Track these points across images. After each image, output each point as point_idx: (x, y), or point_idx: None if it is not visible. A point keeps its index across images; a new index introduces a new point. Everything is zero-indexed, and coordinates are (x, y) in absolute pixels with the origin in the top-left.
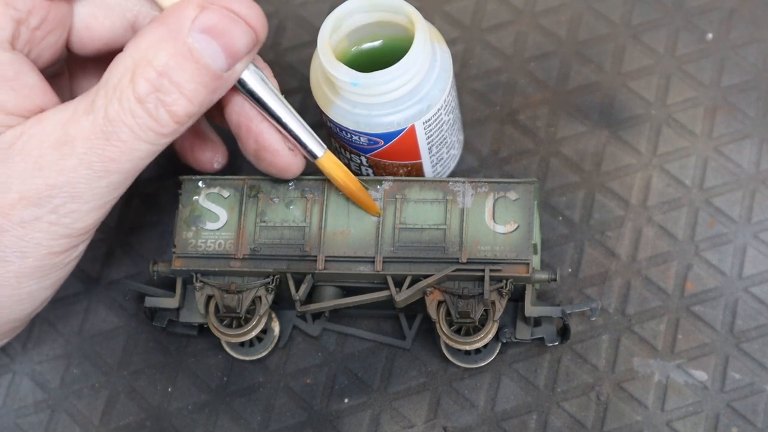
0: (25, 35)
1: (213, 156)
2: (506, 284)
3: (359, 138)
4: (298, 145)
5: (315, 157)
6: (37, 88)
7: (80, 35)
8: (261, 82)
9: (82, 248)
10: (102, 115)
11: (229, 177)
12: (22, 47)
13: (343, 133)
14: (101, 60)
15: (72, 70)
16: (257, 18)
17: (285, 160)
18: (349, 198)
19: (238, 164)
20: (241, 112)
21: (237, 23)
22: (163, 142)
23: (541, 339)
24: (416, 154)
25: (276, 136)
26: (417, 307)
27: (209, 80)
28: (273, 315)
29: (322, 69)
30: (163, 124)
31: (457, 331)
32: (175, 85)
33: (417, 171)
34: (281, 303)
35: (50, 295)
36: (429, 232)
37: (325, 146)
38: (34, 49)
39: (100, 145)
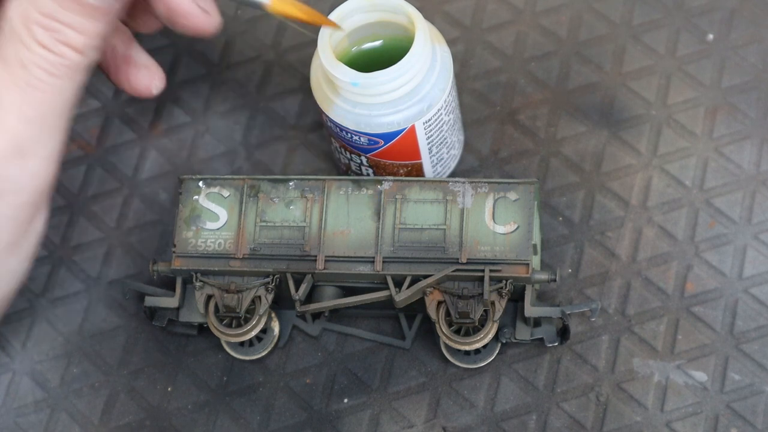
0: None
1: (150, 81)
2: (506, 284)
3: (359, 138)
4: (212, 6)
5: (263, 5)
6: None
7: None
8: None
9: (45, 212)
10: (16, 64)
11: (229, 177)
12: None
13: (344, 133)
14: None
15: None
16: None
17: (198, 21)
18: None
19: (238, 164)
20: None
21: None
22: (80, 74)
23: (541, 339)
24: (416, 154)
25: (186, 1)
26: (417, 307)
27: (94, 13)
28: (273, 315)
29: (322, 69)
30: (69, 58)
31: (457, 332)
32: (65, 25)
33: (417, 171)
34: (281, 303)
35: (29, 267)
36: (429, 232)
37: None
38: None
39: (27, 93)
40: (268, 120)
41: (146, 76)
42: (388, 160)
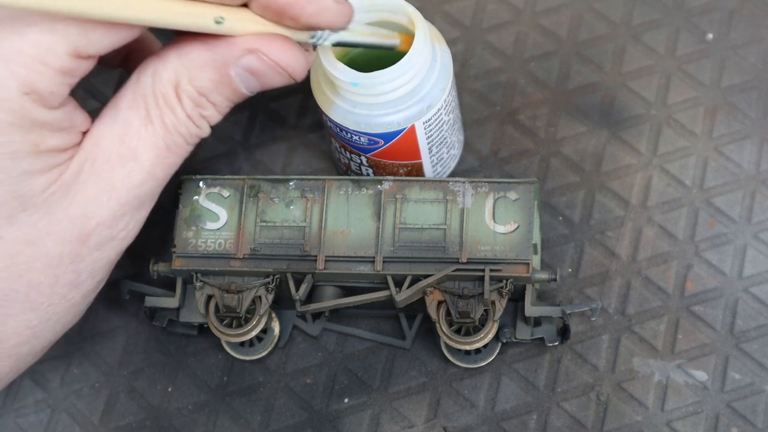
0: (78, 72)
1: None
2: (506, 284)
3: (359, 138)
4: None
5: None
6: (78, 116)
7: None
8: (341, 36)
9: (107, 276)
10: (160, 126)
11: (230, 177)
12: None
13: (344, 133)
14: None
15: None
16: (299, 67)
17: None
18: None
19: (238, 164)
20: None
21: (280, 74)
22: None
23: (541, 339)
24: (416, 154)
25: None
26: (417, 307)
27: (238, 99)
28: (273, 315)
29: (322, 69)
30: (204, 129)
31: (457, 331)
32: (212, 104)
33: (417, 171)
34: (281, 303)
35: (75, 319)
36: (429, 232)
37: (398, 36)
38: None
39: (163, 154)
40: (268, 120)
41: None
42: (388, 160)
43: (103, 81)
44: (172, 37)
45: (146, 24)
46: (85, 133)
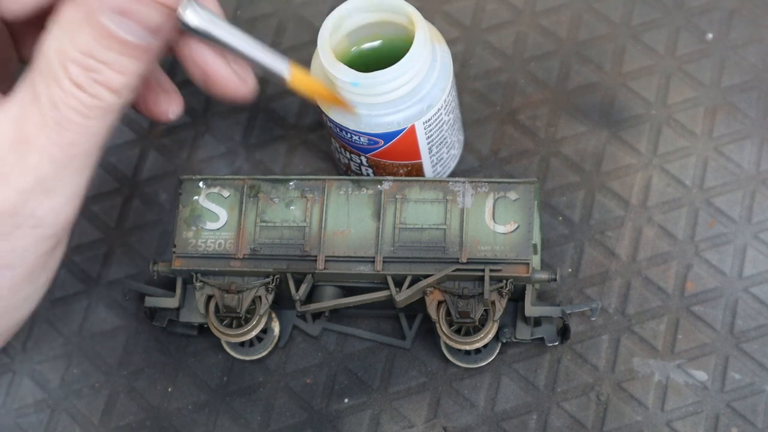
0: None
1: (167, 107)
2: (506, 284)
3: (359, 138)
4: (249, 73)
5: (284, 80)
6: None
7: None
8: (208, 21)
9: (65, 243)
10: (47, 103)
11: (230, 177)
12: None
13: (344, 133)
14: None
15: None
16: None
17: (234, 88)
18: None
19: (238, 164)
20: (183, 46)
21: (149, 5)
22: (114, 114)
23: (541, 339)
24: (416, 154)
25: (222, 65)
26: (417, 307)
27: (134, 52)
28: (273, 315)
29: (322, 69)
30: (104, 99)
31: (457, 331)
32: (103, 64)
33: (417, 171)
34: (281, 303)
35: (45, 291)
36: (429, 232)
37: (288, 64)
38: None
39: (55, 133)
40: (268, 120)
41: (165, 101)
42: (388, 160)
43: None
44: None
45: None
46: None
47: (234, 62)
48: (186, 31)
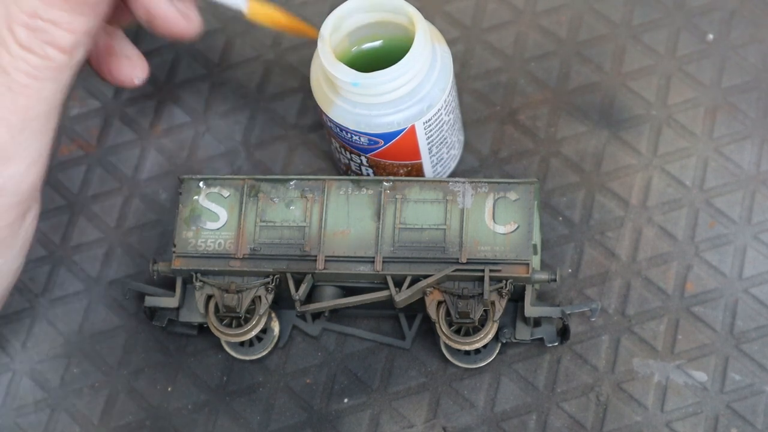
0: None
1: (131, 71)
2: (506, 284)
3: (359, 138)
4: (193, 10)
5: (242, 12)
6: None
7: None
8: None
9: (36, 208)
10: None
11: (230, 177)
12: None
13: (344, 133)
14: None
15: None
16: None
17: (177, 25)
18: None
19: (238, 164)
20: None
21: None
22: (67, 74)
23: (541, 339)
24: (416, 154)
25: (165, 3)
26: (417, 307)
27: (82, 8)
28: (273, 315)
29: (322, 69)
30: (55, 59)
31: (457, 331)
32: (50, 23)
33: (417, 171)
34: (281, 303)
35: (21, 263)
36: (429, 232)
37: None
38: None
39: (8, 99)
40: (268, 120)
41: (128, 66)
42: (388, 160)
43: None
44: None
45: None
46: None
47: (178, 0)
48: None
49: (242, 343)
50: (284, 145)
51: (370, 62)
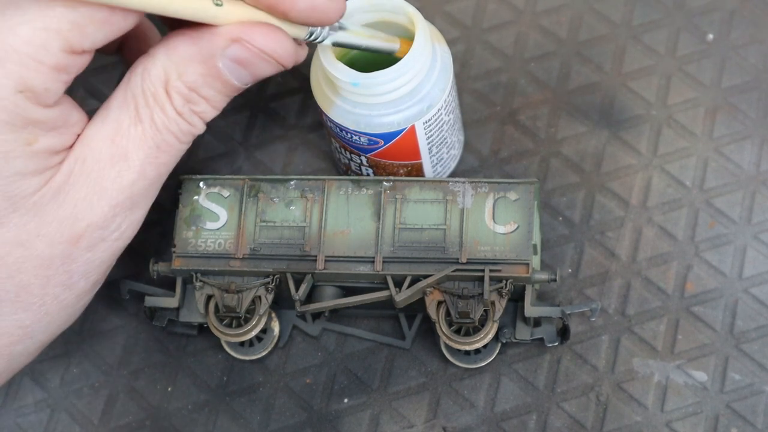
0: (74, 68)
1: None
2: (506, 284)
3: (359, 138)
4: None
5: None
6: (74, 115)
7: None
8: (341, 37)
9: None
10: (149, 124)
11: (230, 177)
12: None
13: (344, 133)
14: None
15: None
16: (287, 54)
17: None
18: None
19: (238, 164)
20: None
21: (266, 61)
22: (193, 139)
23: (541, 339)
24: (416, 154)
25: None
26: (417, 307)
27: (232, 92)
28: (273, 315)
29: (322, 69)
30: (197, 126)
31: (457, 331)
32: (204, 98)
33: (417, 171)
34: (281, 303)
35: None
36: (429, 232)
37: (398, 43)
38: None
39: (153, 154)
40: (268, 120)
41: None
42: (388, 160)
43: (103, 81)
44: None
45: (142, 10)
46: (79, 135)
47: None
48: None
49: (242, 343)
50: (284, 145)
51: (370, 62)
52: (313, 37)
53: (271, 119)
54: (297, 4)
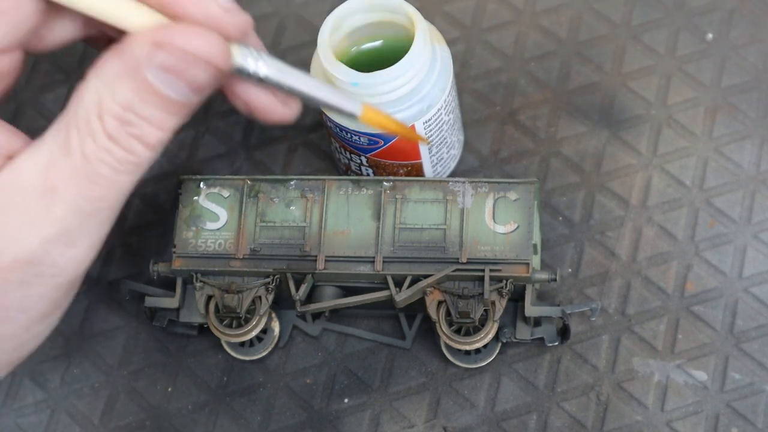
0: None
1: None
2: (506, 284)
3: (359, 138)
4: (291, 98)
5: (354, 115)
6: (4, 136)
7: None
8: (277, 70)
9: (77, 288)
10: (79, 156)
11: (230, 177)
12: None
13: (344, 132)
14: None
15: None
16: (218, 53)
17: (277, 113)
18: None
19: (238, 164)
20: (226, 82)
21: (196, 63)
22: (142, 169)
23: (541, 339)
24: (416, 154)
25: (264, 94)
26: (417, 307)
27: (175, 109)
28: (273, 315)
29: (322, 69)
30: (138, 154)
31: (457, 331)
32: (142, 119)
33: (417, 171)
34: (281, 303)
35: (57, 322)
36: (429, 232)
37: (359, 102)
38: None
39: (85, 187)
40: None
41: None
42: (388, 160)
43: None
44: None
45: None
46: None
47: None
48: (241, 75)
49: (242, 344)
50: (284, 145)
51: (370, 62)
52: (242, 68)
53: None
54: (188, 9)
